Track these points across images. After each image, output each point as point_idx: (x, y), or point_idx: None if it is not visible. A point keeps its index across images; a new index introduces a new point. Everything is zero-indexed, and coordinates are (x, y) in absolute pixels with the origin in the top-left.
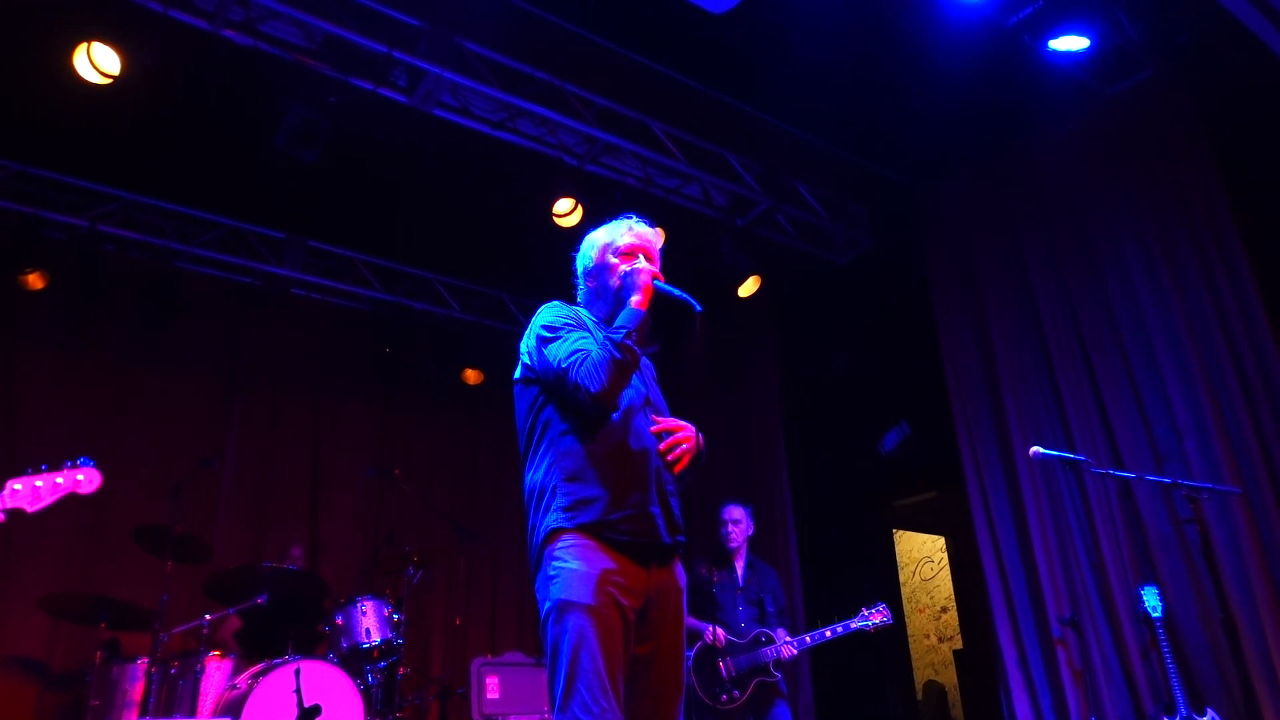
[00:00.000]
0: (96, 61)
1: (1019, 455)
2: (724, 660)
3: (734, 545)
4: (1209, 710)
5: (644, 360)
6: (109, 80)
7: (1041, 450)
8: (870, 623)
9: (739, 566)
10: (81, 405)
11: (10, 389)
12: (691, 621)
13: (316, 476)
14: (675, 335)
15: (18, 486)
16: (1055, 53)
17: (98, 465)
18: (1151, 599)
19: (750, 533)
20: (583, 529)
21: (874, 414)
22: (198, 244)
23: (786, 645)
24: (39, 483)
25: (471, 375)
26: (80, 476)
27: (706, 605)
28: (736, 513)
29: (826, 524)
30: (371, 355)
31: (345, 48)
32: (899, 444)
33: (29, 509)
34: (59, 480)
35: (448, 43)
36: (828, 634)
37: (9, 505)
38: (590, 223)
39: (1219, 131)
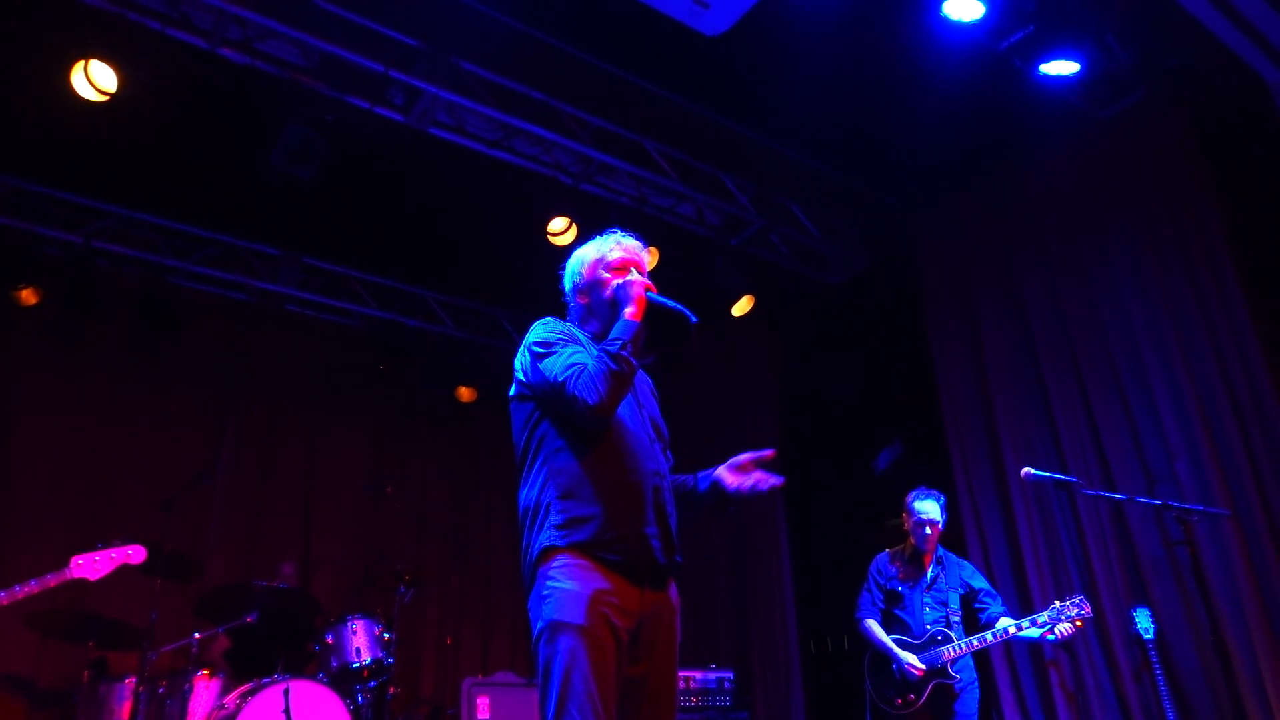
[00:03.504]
0: (94, 79)
1: (1011, 476)
2: (899, 663)
3: (929, 547)
4: None
5: (643, 376)
6: (106, 98)
7: (1034, 471)
8: (1057, 623)
9: (927, 563)
10: (76, 421)
11: (5, 405)
12: (879, 642)
13: (309, 494)
14: (669, 348)
15: (80, 561)
16: (1046, 76)
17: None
18: (1144, 620)
19: (942, 529)
20: (576, 548)
21: (868, 433)
22: (193, 260)
23: (949, 647)
24: (98, 559)
25: (465, 393)
26: (130, 553)
27: (891, 604)
28: (936, 512)
29: (820, 542)
30: (366, 372)
31: (342, 67)
32: (893, 463)
33: (91, 578)
34: (113, 555)
35: (444, 62)
36: (1010, 631)
37: (75, 576)
38: (585, 242)
39: (1210, 154)
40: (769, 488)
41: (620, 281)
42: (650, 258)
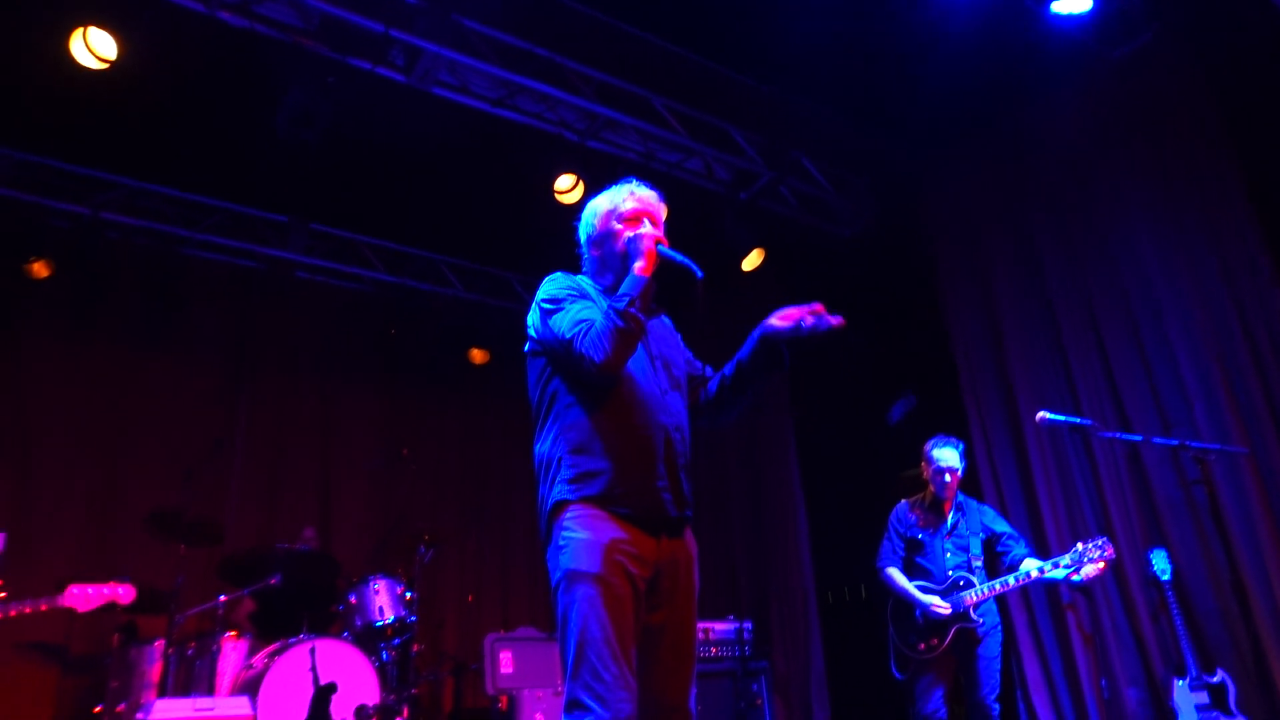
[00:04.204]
0: (93, 46)
1: (1026, 422)
2: (919, 609)
3: (948, 495)
4: (1219, 670)
5: (664, 323)
6: (106, 65)
7: (1049, 415)
8: (1082, 564)
9: (947, 510)
10: (91, 392)
11: (20, 378)
12: (901, 589)
13: (326, 458)
14: (679, 301)
15: (74, 591)
16: (1058, 16)
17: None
18: (1160, 562)
19: (962, 475)
20: (588, 500)
21: (880, 385)
22: (201, 229)
23: (971, 591)
24: (90, 591)
25: (477, 355)
26: (120, 591)
27: (913, 552)
28: (955, 460)
29: (835, 496)
30: (378, 337)
31: (342, 27)
32: (906, 414)
33: (80, 609)
34: (105, 591)
35: (445, 20)
36: (1033, 574)
37: (65, 603)
38: (594, 198)
39: (1224, 91)
40: (829, 326)
41: (631, 234)
42: (663, 211)
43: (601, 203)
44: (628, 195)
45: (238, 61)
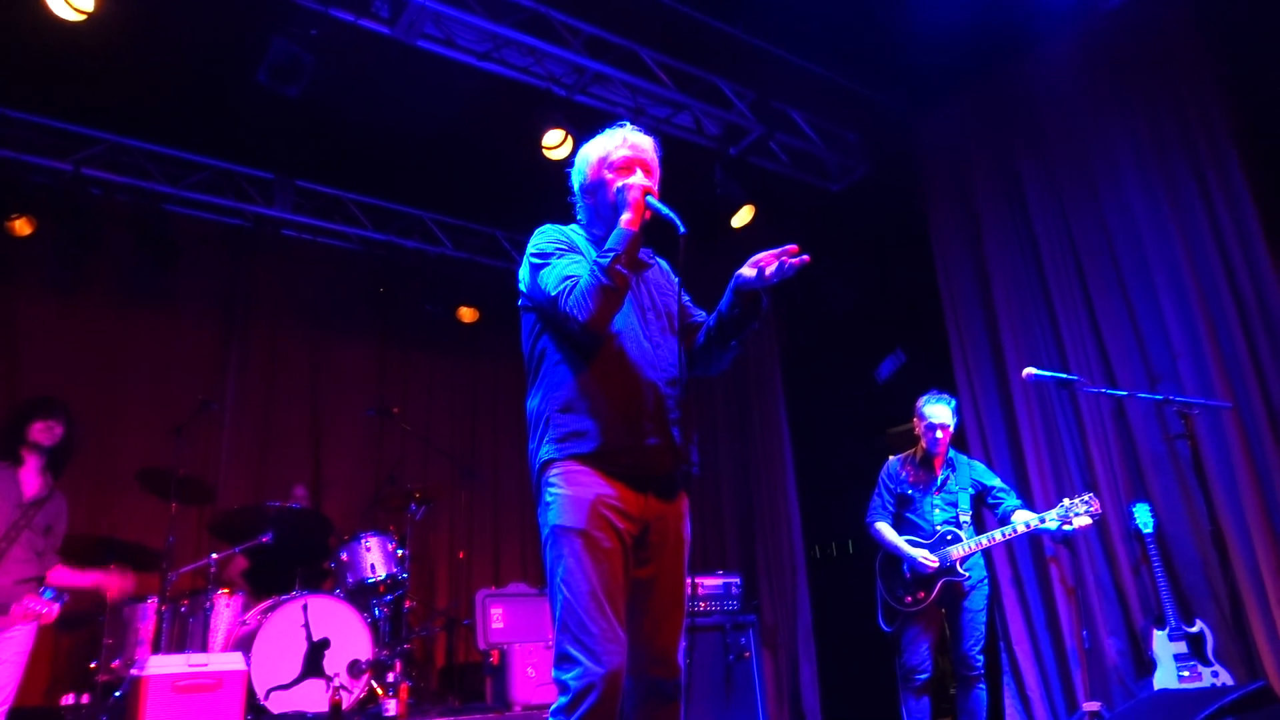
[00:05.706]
0: None
1: (1014, 378)
2: (907, 563)
3: (939, 451)
4: (1198, 621)
5: (660, 269)
6: (84, 16)
7: (1035, 372)
8: (1069, 519)
9: (938, 466)
10: (79, 350)
11: (9, 337)
12: (889, 543)
13: (316, 416)
14: (666, 253)
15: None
16: None
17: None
18: (1143, 515)
19: (953, 432)
20: (574, 458)
21: (870, 341)
22: (186, 186)
23: (958, 546)
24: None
25: (466, 313)
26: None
27: (902, 508)
28: (947, 416)
29: (823, 452)
30: (366, 295)
31: None
32: (895, 371)
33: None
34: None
35: None
36: (1020, 529)
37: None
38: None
39: (1219, 45)
40: (795, 268)
41: (620, 184)
42: (657, 158)
43: (594, 149)
44: (620, 142)
45: (219, 12)
